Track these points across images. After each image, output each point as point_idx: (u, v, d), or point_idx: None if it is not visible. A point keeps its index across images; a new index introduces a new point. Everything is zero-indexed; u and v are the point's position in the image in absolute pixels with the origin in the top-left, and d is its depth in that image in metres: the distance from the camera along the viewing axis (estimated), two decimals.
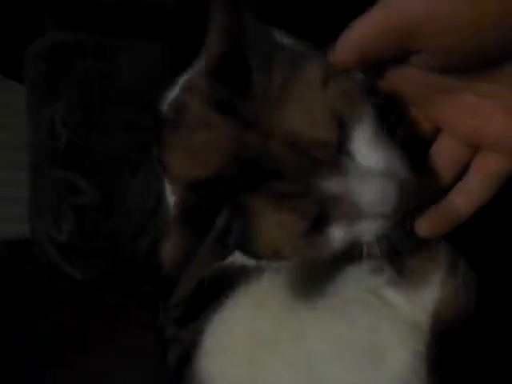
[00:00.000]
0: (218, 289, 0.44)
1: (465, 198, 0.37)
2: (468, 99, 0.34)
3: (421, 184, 0.37)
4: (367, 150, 0.36)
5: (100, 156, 0.67)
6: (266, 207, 0.36)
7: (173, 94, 0.45)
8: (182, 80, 0.44)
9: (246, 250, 0.38)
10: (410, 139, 0.38)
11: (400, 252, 0.38)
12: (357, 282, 0.42)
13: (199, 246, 0.39)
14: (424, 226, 0.37)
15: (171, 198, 0.44)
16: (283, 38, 0.41)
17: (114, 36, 0.65)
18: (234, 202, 0.37)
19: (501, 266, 0.39)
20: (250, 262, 0.41)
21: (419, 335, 0.39)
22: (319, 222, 0.36)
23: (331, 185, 0.36)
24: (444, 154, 0.37)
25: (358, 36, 0.32)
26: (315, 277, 0.43)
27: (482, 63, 0.32)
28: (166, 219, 0.48)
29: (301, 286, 0.43)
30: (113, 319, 0.61)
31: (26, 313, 0.59)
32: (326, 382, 0.40)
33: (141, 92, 0.65)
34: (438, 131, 0.38)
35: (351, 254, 0.38)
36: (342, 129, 0.36)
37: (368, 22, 0.32)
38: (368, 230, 0.37)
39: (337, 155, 0.36)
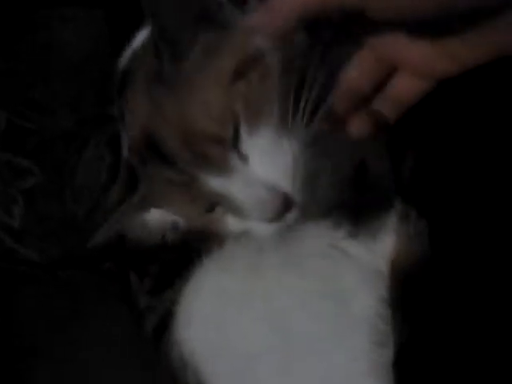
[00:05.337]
0: (186, 258, 0.48)
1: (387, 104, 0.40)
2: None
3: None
4: (260, 158, 0.38)
5: (43, 135, 0.68)
6: (163, 188, 0.41)
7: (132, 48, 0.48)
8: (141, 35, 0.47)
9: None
10: None
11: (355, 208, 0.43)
12: (317, 237, 0.46)
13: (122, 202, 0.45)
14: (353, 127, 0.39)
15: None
16: None
17: (47, 5, 0.65)
18: (145, 171, 0.42)
19: (449, 213, 0.44)
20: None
21: (381, 281, 0.44)
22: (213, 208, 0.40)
23: (214, 183, 0.39)
24: (359, 70, 0.39)
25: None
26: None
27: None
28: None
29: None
30: (79, 297, 0.64)
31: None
32: (296, 334, 0.45)
33: (79, 64, 0.66)
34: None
35: None
36: (238, 131, 0.38)
37: None
38: (258, 228, 0.41)
39: (228, 154, 0.38)
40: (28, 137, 0.67)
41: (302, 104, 0.39)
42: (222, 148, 0.39)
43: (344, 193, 0.42)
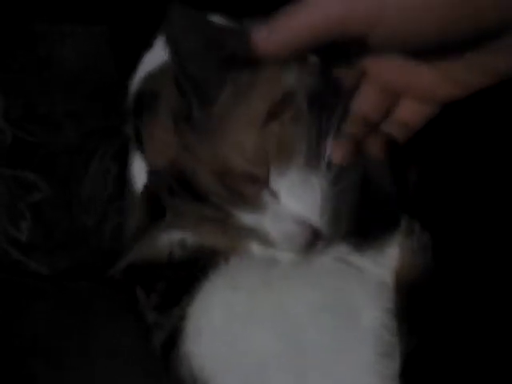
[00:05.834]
0: (193, 275, 0.49)
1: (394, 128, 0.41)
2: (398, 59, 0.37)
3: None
4: (289, 194, 0.40)
5: (49, 149, 0.68)
6: (195, 220, 0.42)
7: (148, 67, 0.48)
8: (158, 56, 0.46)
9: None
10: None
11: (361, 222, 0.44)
12: (324, 250, 0.47)
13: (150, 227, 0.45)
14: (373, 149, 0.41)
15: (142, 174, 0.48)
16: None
17: (46, 22, 0.66)
18: (171, 203, 0.43)
19: (452, 226, 0.45)
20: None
21: (388, 293, 0.45)
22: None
23: (247, 219, 0.41)
24: (367, 101, 0.40)
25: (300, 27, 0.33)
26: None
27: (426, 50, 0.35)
28: (132, 197, 0.52)
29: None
30: (89, 308, 0.65)
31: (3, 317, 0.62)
32: (304, 347, 0.46)
33: (84, 79, 0.67)
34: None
35: None
36: (270, 169, 0.40)
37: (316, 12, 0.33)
38: (283, 255, 0.44)
39: (261, 192, 0.40)
40: (34, 151, 0.67)
41: (328, 140, 0.40)
42: (257, 186, 0.40)
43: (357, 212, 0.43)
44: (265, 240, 0.42)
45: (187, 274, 0.48)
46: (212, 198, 0.41)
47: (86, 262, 0.69)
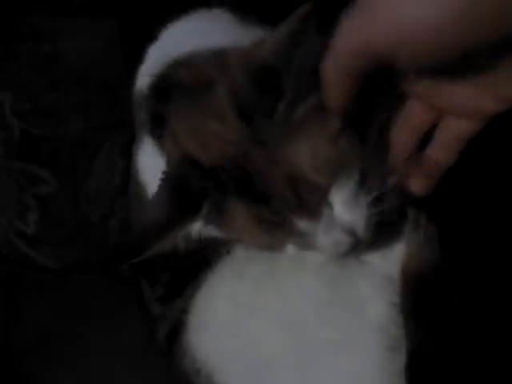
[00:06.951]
0: (197, 266, 0.49)
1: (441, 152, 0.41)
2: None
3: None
4: (342, 205, 0.43)
5: (56, 143, 0.69)
6: (244, 220, 0.43)
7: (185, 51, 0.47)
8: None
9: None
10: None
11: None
12: None
13: (177, 223, 0.44)
14: (415, 186, 0.42)
15: (156, 159, 0.47)
16: None
17: (51, 16, 0.66)
18: (218, 200, 0.42)
19: (459, 219, 0.44)
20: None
21: (394, 287, 0.45)
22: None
23: (302, 224, 0.42)
24: (411, 120, 0.41)
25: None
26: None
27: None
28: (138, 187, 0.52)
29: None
30: (90, 305, 0.65)
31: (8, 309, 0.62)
32: (310, 339, 0.46)
33: (90, 73, 0.67)
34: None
35: None
36: (333, 181, 0.42)
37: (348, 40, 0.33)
38: (315, 254, 0.45)
39: (321, 201, 0.42)
40: (41, 145, 0.68)
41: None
42: (319, 195, 0.42)
43: None
44: (308, 244, 0.44)
45: (192, 264, 0.48)
46: (274, 201, 0.42)
47: (93, 255, 0.69)
